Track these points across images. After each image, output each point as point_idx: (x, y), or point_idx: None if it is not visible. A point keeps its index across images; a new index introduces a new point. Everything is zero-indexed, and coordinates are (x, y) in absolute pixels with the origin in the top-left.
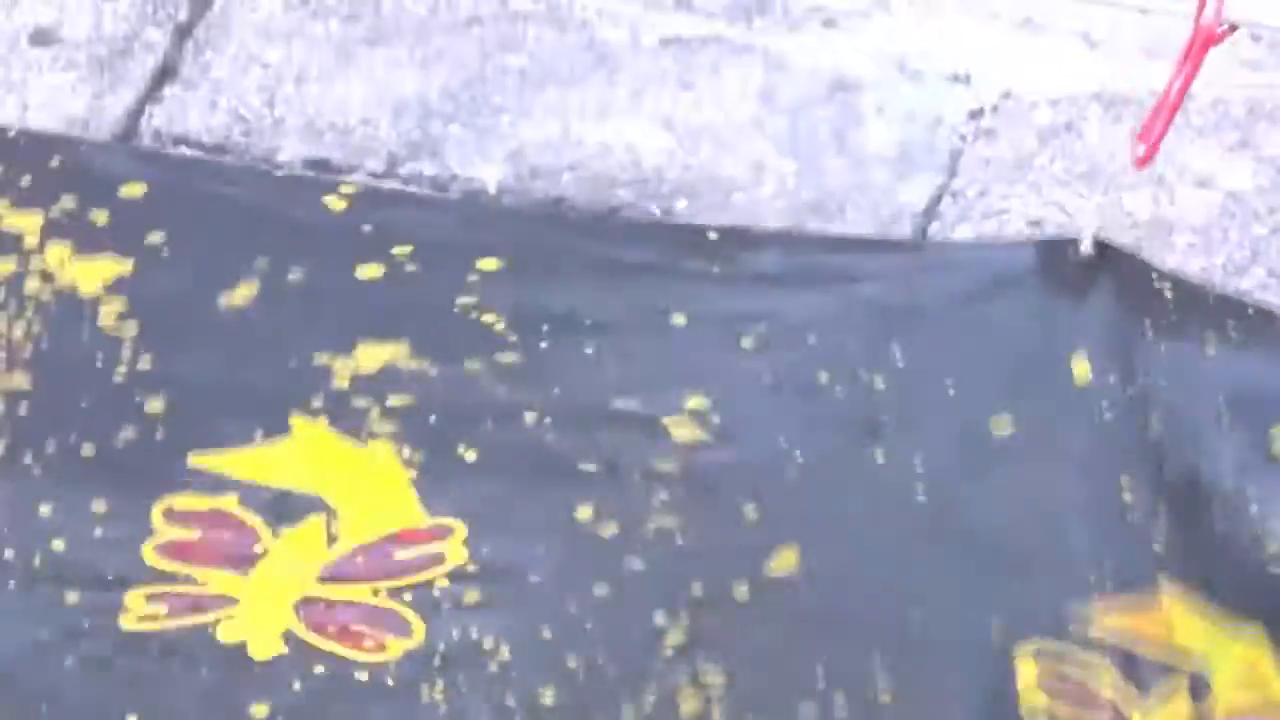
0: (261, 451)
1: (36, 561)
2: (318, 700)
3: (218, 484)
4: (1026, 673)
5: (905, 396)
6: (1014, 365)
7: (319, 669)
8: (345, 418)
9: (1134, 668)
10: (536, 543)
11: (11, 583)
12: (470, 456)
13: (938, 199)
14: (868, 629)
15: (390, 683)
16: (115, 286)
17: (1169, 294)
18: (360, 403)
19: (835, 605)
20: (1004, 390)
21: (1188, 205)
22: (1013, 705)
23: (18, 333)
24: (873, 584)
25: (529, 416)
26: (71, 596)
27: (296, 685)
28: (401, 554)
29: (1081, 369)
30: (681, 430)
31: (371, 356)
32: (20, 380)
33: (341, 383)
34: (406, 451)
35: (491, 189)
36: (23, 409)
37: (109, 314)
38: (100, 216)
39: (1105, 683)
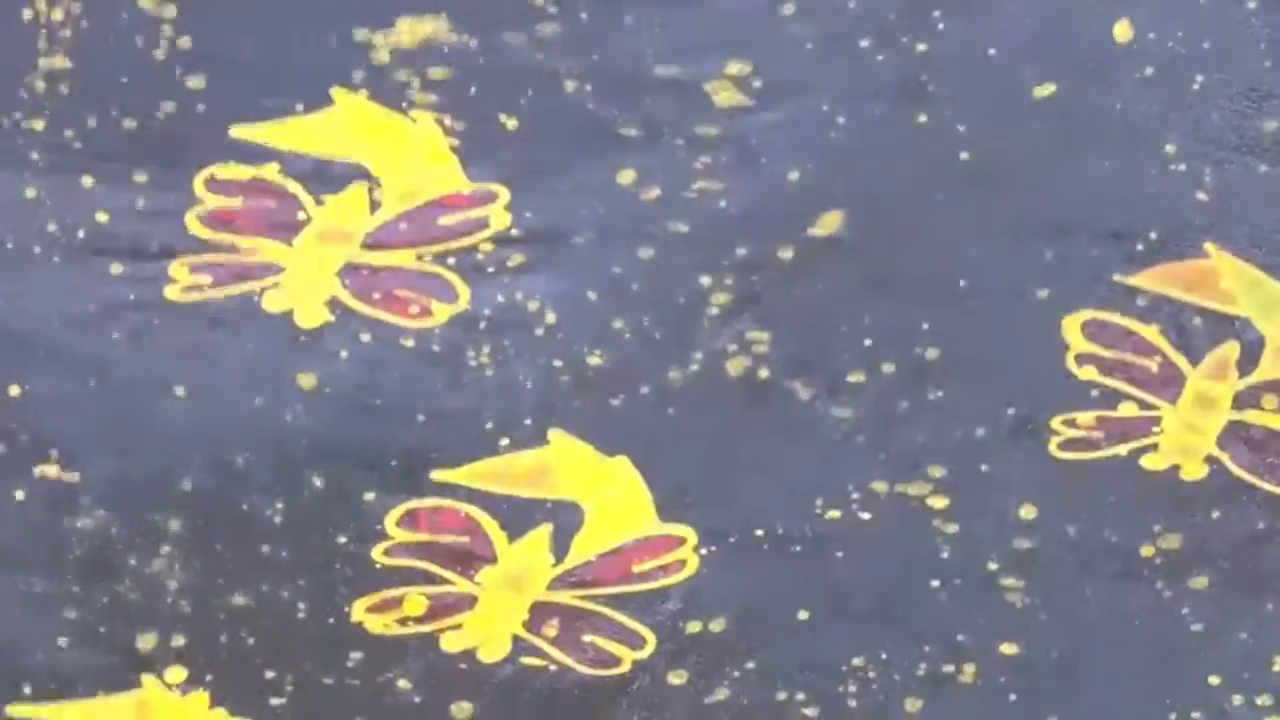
0: (303, 122)
1: (81, 233)
2: (365, 368)
3: (259, 154)
4: (1074, 330)
5: (947, 60)
6: (1056, 29)
7: (365, 336)
8: (386, 91)
9: (1184, 334)
10: (579, 207)
11: (56, 256)
12: (511, 124)
13: None
14: (913, 289)
15: (437, 348)
16: None
17: None
18: (401, 76)
19: (880, 266)
20: (1046, 55)
21: None
22: (1060, 358)
23: (57, 14)
24: (917, 245)
25: (569, 84)
26: (116, 268)
27: (344, 354)
28: (445, 219)
29: (1123, 29)
30: (723, 95)
31: (411, 30)
32: (60, 61)
33: (382, 57)
34: (448, 121)
35: None
36: (63, 88)
37: None
38: None
39: (1155, 339)
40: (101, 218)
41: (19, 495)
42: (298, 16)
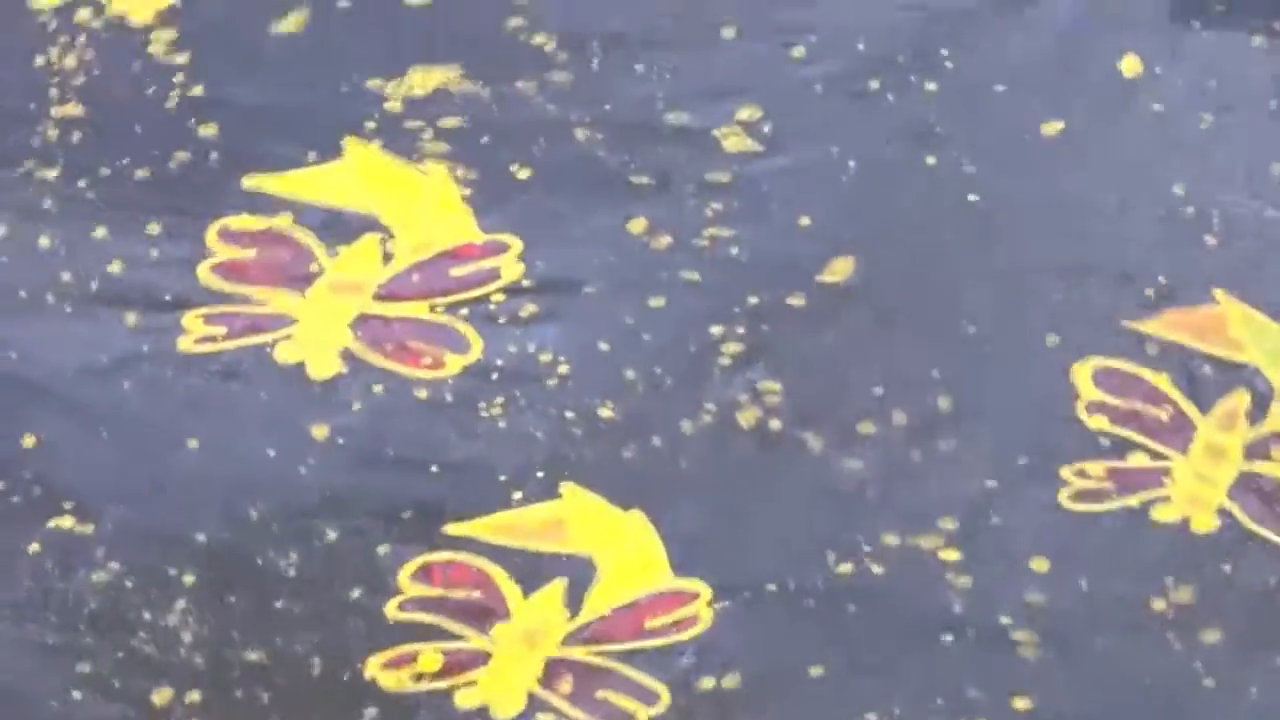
0: (315, 172)
1: (94, 284)
2: (378, 419)
3: (271, 205)
4: (1084, 378)
5: (956, 99)
6: (1063, 65)
7: (378, 388)
8: (398, 140)
9: (1195, 382)
10: (591, 256)
11: (69, 306)
12: (523, 174)
13: None
14: (924, 336)
15: (449, 399)
16: (166, 16)
17: None
18: (413, 125)
19: (891, 312)
20: (1054, 91)
21: None
22: (1070, 407)
23: (70, 62)
24: (927, 291)
25: (580, 133)
26: (130, 319)
27: (356, 405)
28: (457, 270)
29: (1131, 65)
30: (733, 140)
31: (423, 79)
32: (73, 109)
33: (394, 105)
34: (460, 171)
35: None
36: (76, 137)
37: (160, 43)
38: None
39: (1165, 387)
40: (115, 268)
41: (34, 547)
42: (310, 64)
